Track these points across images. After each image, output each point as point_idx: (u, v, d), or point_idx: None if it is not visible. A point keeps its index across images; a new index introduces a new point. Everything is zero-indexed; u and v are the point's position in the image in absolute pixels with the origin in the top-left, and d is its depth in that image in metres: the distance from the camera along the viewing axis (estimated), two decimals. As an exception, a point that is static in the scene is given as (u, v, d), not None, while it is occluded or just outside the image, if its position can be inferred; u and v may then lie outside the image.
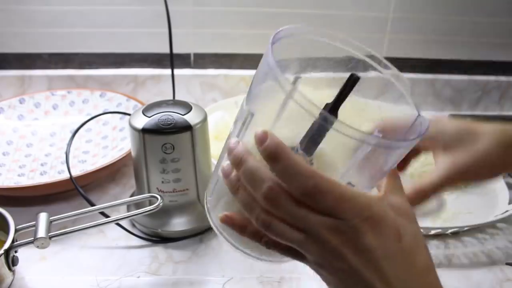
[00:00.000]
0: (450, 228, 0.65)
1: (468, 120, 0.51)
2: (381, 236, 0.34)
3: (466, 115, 1.03)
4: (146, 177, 0.62)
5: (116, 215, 0.60)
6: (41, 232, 0.54)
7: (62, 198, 0.70)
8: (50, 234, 0.54)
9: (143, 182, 0.63)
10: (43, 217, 0.56)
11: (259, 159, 0.35)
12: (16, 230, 0.55)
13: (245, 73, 0.99)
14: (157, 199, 0.60)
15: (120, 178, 0.77)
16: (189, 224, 0.64)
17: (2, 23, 0.93)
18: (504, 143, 0.48)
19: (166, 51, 0.86)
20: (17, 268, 0.56)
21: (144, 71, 0.98)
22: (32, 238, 0.54)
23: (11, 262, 0.54)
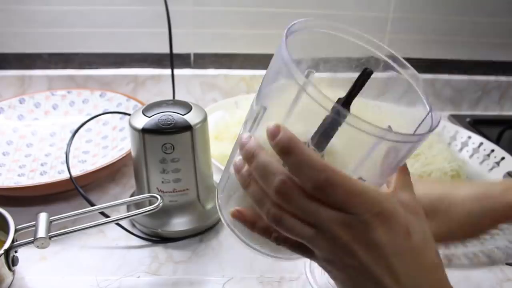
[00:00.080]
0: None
1: (446, 182, 0.50)
2: (391, 232, 0.35)
3: (466, 115, 1.03)
4: (146, 177, 0.62)
5: (116, 215, 0.60)
6: (41, 232, 0.54)
7: (62, 198, 0.70)
8: (50, 234, 0.54)
9: (143, 182, 0.63)
10: (43, 217, 0.56)
11: (270, 154, 0.35)
12: (16, 230, 0.55)
13: (245, 73, 0.99)
14: (157, 199, 0.60)
15: (120, 178, 0.77)
16: (189, 224, 0.64)
17: (2, 23, 0.93)
18: (478, 213, 0.48)
19: (166, 51, 0.86)
20: (17, 268, 0.56)
21: (144, 71, 0.98)
22: (32, 238, 0.54)
23: (11, 262, 0.54)
